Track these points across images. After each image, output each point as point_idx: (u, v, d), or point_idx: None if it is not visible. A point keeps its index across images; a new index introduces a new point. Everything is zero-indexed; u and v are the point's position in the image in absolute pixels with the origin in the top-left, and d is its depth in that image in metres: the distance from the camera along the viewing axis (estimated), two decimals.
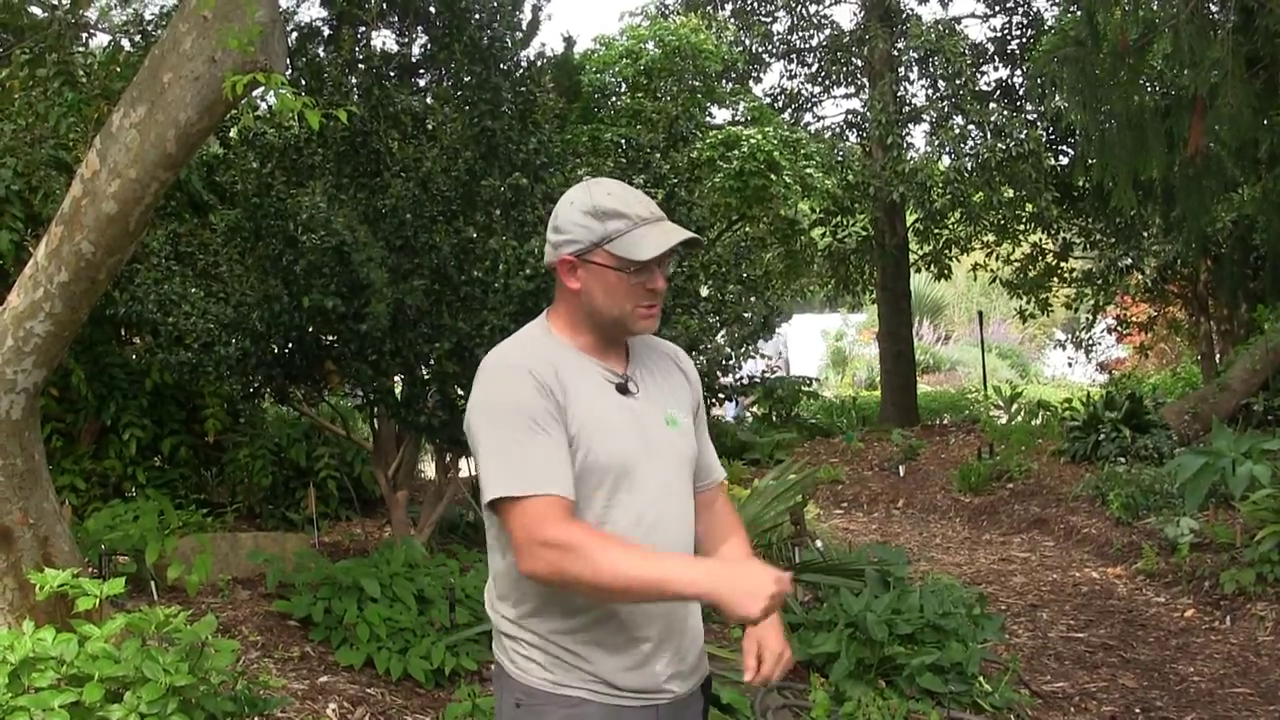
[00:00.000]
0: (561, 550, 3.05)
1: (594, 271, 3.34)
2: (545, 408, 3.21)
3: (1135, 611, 10.36)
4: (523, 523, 3.11)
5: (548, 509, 3.10)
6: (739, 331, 9.66)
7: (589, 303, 3.37)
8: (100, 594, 5.49)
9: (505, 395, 3.24)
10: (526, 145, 8.72)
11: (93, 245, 5.94)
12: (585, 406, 3.29)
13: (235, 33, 5.28)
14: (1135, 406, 16.70)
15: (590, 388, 3.35)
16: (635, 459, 3.34)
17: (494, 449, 3.20)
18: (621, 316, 3.38)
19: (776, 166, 18.51)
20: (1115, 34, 12.95)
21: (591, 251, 3.34)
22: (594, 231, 3.33)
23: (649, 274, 3.38)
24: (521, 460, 3.15)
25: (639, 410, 3.43)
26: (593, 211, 3.35)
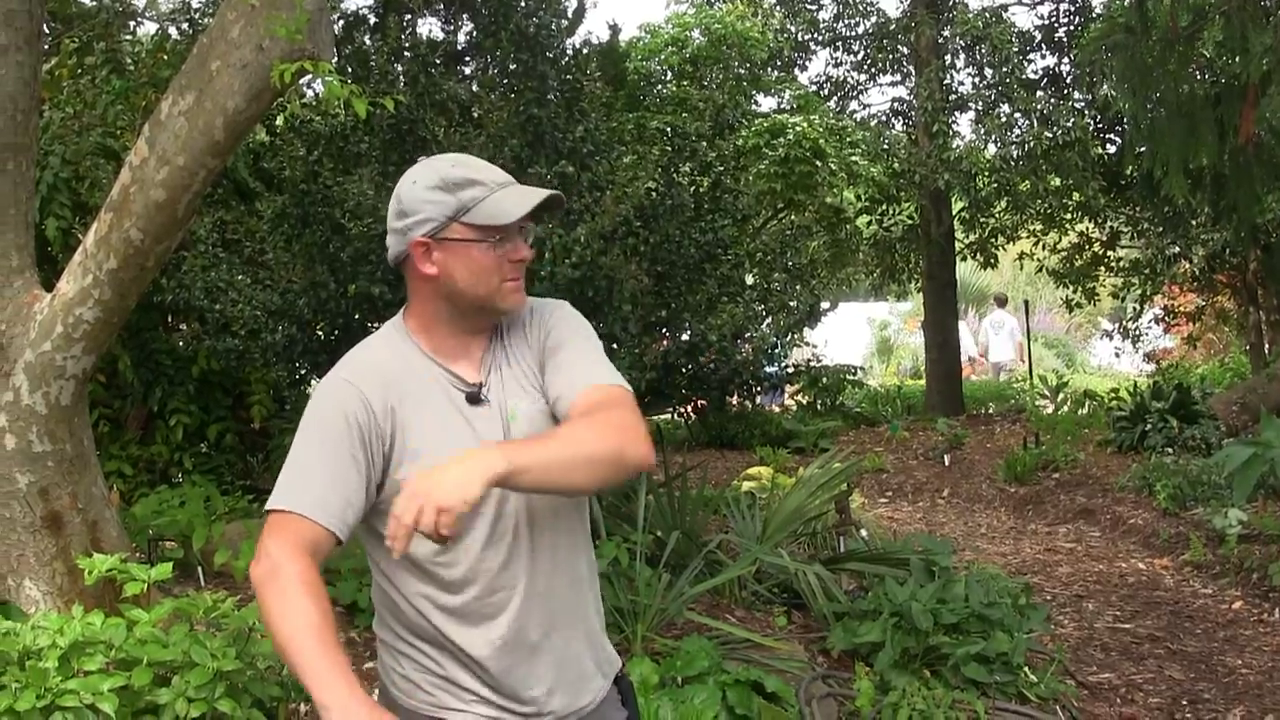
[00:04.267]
0: (267, 568, 2.92)
1: (452, 249, 3.14)
2: (350, 427, 3.04)
3: (1182, 603, 10.32)
4: (270, 531, 2.98)
5: (287, 529, 2.96)
6: (785, 320, 9.65)
7: (449, 287, 3.16)
8: (148, 579, 5.53)
9: (317, 409, 3.11)
10: (573, 133, 8.72)
11: (141, 232, 5.97)
12: (425, 424, 3.14)
13: (283, 21, 5.29)
14: (1183, 397, 16.60)
15: (432, 409, 3.16)
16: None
17: (289, 460, 3.07)
18: (489, 294, 3.17)
19: (822, 154, 18.48)
20: (1165, 21, 12.89)
21: (447, 227, 3.12)
22: (447, 205, 3.12)
23: (511, 243, 3.18)
24: (295, 476, 3.04)
25: (487, 423, 3.19)
26: (441, 184, 3.14)
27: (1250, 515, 11.46)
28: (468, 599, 3.11)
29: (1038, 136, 21.07)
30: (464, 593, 3.11)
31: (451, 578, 3.10)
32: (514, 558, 3.15)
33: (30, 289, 6.37)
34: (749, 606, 8.66)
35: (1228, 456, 11.15)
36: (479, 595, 3.11)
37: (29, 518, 6.23)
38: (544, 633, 3.19)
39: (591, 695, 3.31)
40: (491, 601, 3.12)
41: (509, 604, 3.13)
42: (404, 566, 3.10)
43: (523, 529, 3.16)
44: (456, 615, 3.11)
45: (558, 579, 3.23)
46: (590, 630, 3.35)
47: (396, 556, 2.81)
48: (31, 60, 6.24)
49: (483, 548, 3.12)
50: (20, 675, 4.96)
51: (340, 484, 3.01)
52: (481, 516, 3.09)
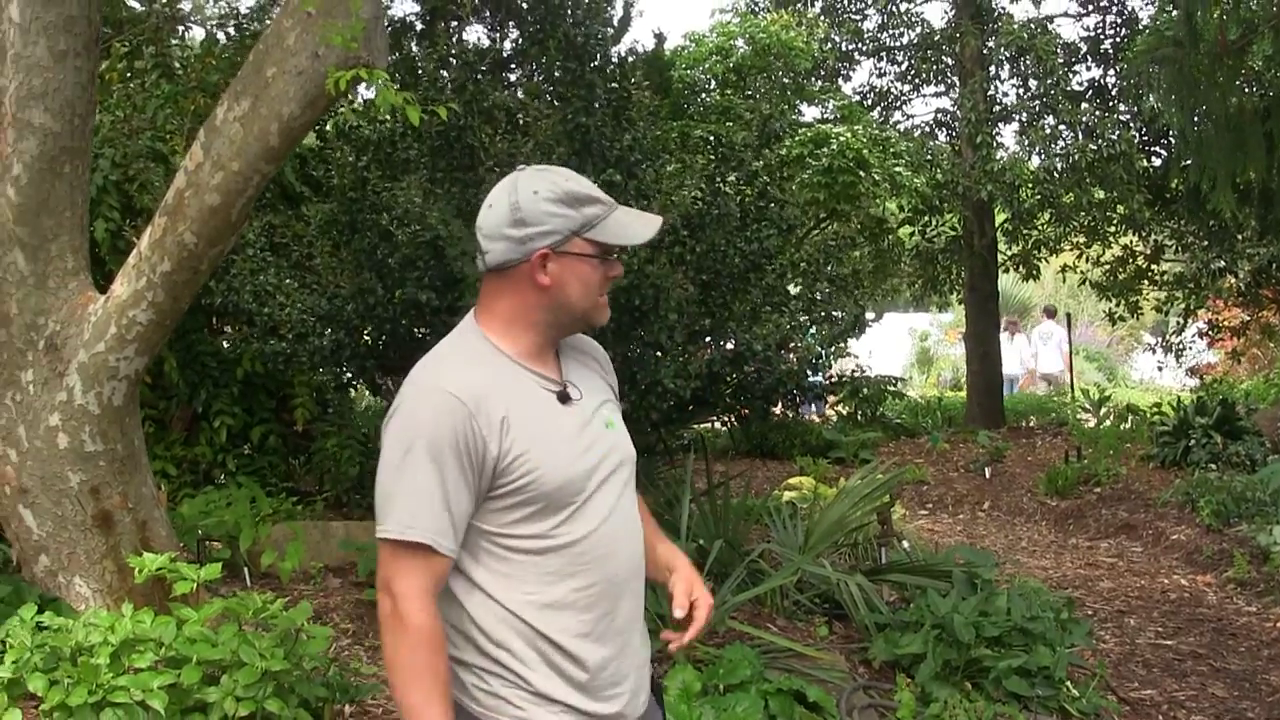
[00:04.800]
0: (394, 611, 3.02)
1: (568, 263, 3.20)
2: (460, 448, 3.07)
3: (1225, 620, 10.27)
4: (391, 563, 3.06)
5: (420, 564, 3.04)
6: (829, 330, 9.67)
7: (559, 299, 3.23)
8: (198, 579, 5.59)
9: (423, 425, 3.09)
10: (620, 142, 8.74)
11: (195, 236, 6.04)
12: (528, 428, 3.17)
13: (339, 29, 5.35)
14: (1227, 412, 16.54)
15: (533, 405, 3.23)
16: (584, 475, 3.24)
17: (394, 481, 3.09)
18: (589, 309, 3.27)
19: (865, 164, 18.48)
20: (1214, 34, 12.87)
21: (568, 241, 3.19)
22: (571, 220, 3.19)
23: (614, 261, 3.29)
24: (417, 503, 3.06)
25: (581, 419, 3.32)
26: (565, 199, 3.20)
27: None
28: (569, 590, 3.20)
29: (1082, 149, 21.01)
30: (567, 582, 3.20)
31: (558, 567, 3.19)
32: (615, 547, 3.30)
33: (84, 290, 6.45)
34: (790, 616, 8.68)
35: (1272, 473, 11.17)
36: (581, 586, 3.21)
37: (80, 516, 6.30)
38: (629, 625, 3.35)
39: (647, 694, 3.44)
40: (591, 591, 3.22)
41: (606, 594, 3.26)
42: (509, 569, 3.17)
43: (619, 517, 3.33)
44: (555, 608, 3.18)
45: (636, 571, 3.39)
46: (644, 628, 3.47)
47: None
48: (89, 66, 6.32)
49: (590, 533, 3.22)
50: (72, 671, 5.04)
51: (457, 505, 3.08)
52: (603, 493, 3.27)
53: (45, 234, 6.27)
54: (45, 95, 6.13)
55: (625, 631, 3.33)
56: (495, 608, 3.16)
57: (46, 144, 6.17)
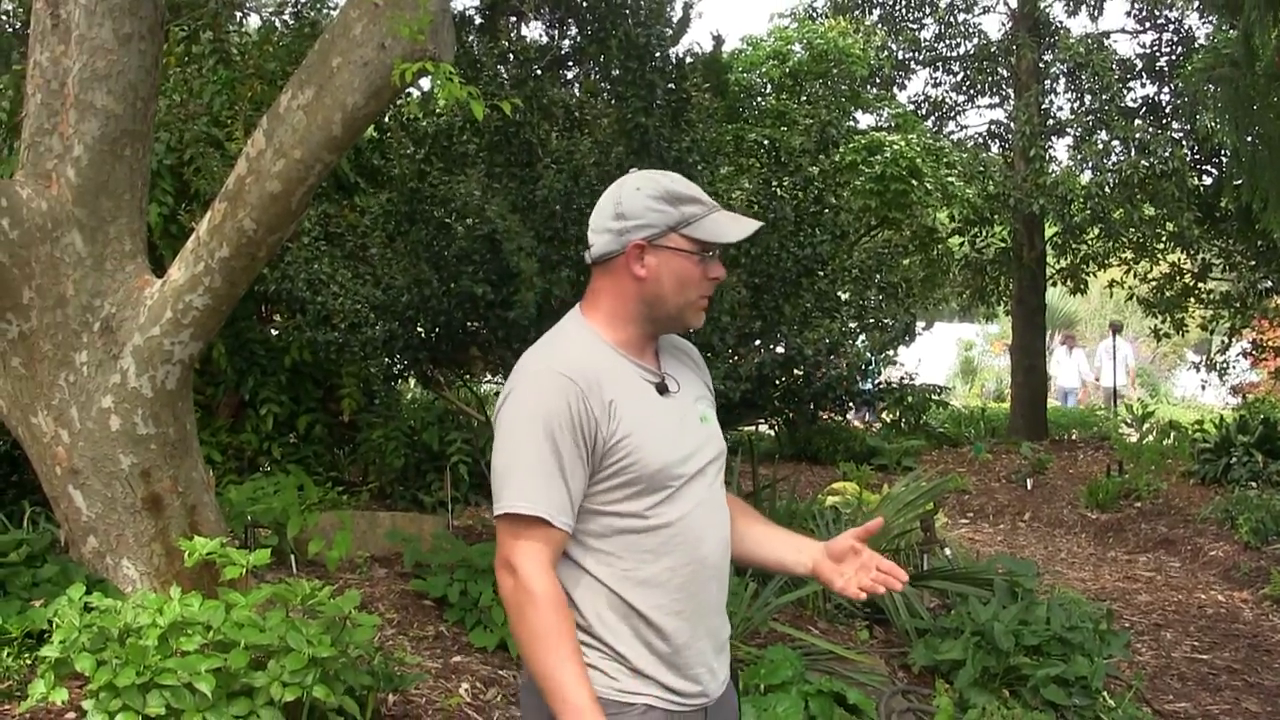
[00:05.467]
0: (517, 585, 3.16)
1: (665, 257, 3.34)
2: (575, 426, 3.20)
3: (1261, 636, 10.28)
4: (511, 540, 3.19)
5: (539, 538, 3.18)
6: (879, 337, 9.66)
7: (654, 292, 3.36)
8: (246, 564, 5.61)
9: (539, 405, 3.22)
10: (679, 143, 8.75)
11: (255, 223, 6.06)
12: (632, 412, 3.30)
13: (406, 21, 5.36)
14: (1269, 431, 16.50)
15: (634, 391, 3.35)
16: (680, 461, 3.37)
17: (513, 459, 3.23)
18: (684, 306, 3.39)
19: (918, 173, 18.45)
20: (1270, 55, 12.83)
21: (665, 235, 3.33)
22: (669, 215, 3.33)
23: (713, 262, 3.41)
24: (533, 478, 3.19)
25: (678, 411, 3.45)
26: (665, 196, 3.34)
27: None
28: (663, 568, 3.33)
29: (1134, 165, 20.96)
30: (662, 560, 3.33)
31: (654, 546, 3.32)
32: (705, 533, 3.42)
33: (141, 274, 6.47)
34: (831, 619, 8.70)
35: None
36: (673, 565, 3.34)
37: (130, 499, 6.32)
38: (714, 608, 3.48)
39: (726, 676, 3.56)
40: (682, 571, 3.35)
41: (696, 575, 3.39)
42: (609, 546, 3.31)
43: (710, 504, 3.47)
44: (650, 585, 3.32)
45: (723, 557, 3.52)
46: (725, 613, 3.59)
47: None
48: (153, 49, 6.35)
49: (684, 516, 3.35)
50: (120, 651, 5.05)
51: (574, 482, 3.20)
52: (697, 481, 3.41)
53: (104, 216, 6.30)
54: (109, 78, 6.16)
55: (710, 614, 3.44)
56: (594, 584, 3.30)
57: (108, 126, 6.20)
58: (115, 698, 4.91)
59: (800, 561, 3.65)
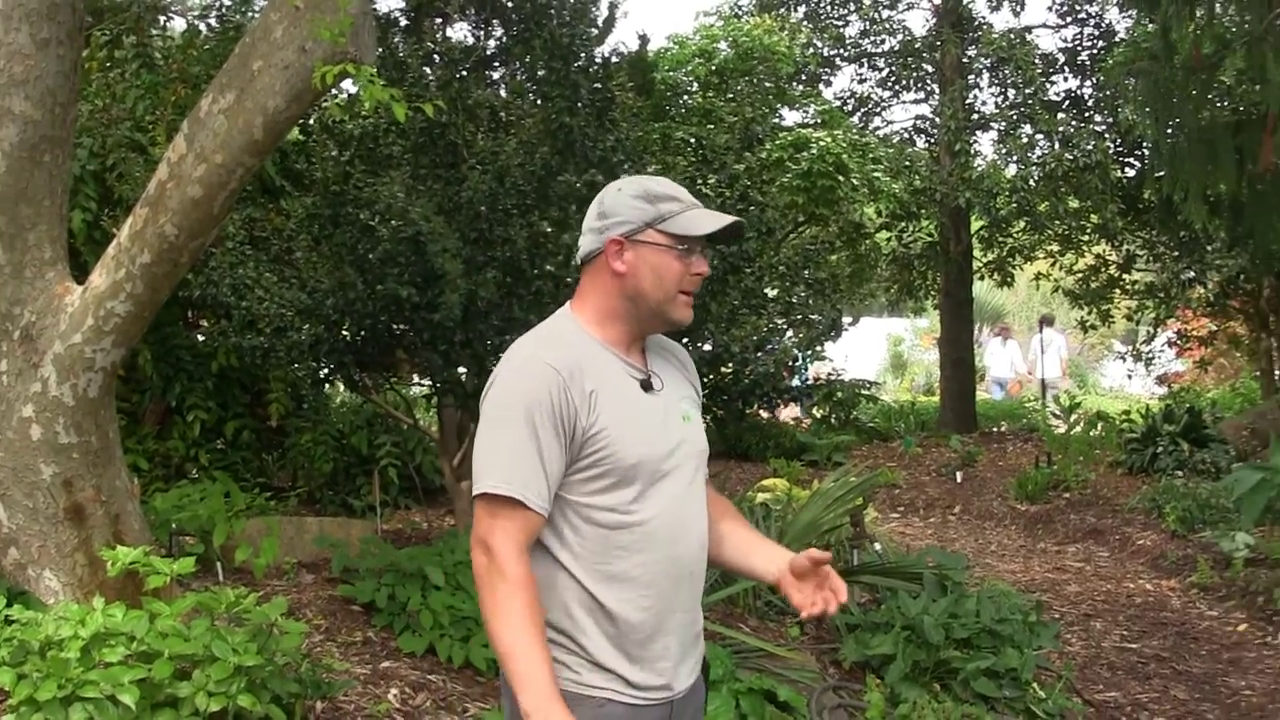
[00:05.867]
0: (489, 565, 3.26)
1: (643, 252, 3.45)
2: (555, 413, 3.30)
3: (1188, 624, 10.37)
4: (488, 520, 3.28)
5: (515, 519, 3.27)
6: (807, 334, 9.68)
7: (634, 286, 3.46)
8: (171, 573, 5.56)
9: (522, 391, 3.32)
10: (604, 142, 8.73)
11: (176, 228, 6.00)
12: (613, 405, 3.40)
13: (327, 23, 5.33)
14: (1194, 420, 16.69)
15: (619, 386, 3.45)
16: (660, 457, 3.46)
17: (493, 442, 3.34)
18: (665, 300, 3.47)
19: (844, 169, 18.52)
20: (1188, 49, 12.94)
21: (642, 231, 3.44)
22: (646, 212, 3.44)
23: (695, 257, 3.51)
24: (512, 461, 3.28)
25: (661, 408, 3.54)
26: (644, 195, 3.47)
27: (1258, 539, 11.54)
28: (635, 564, 3.42)
29: (1058, 158, 21.12)
30: (635, 557, 3.42)
31: (628, 542, 3.41)
32: (681, 531, 3.52)
33: (62, 281, 6.40)
34: (762, 616, 8.72)
35: (1237, 481, 11.23)
36: (646, 562, 3.43)
37: (52, 509, 6.26)
38: (686, 605, 3.56)
39: (695, 673, 3.67)
40: (655, 569, 3.45)
41: (668, 573, 3.49)
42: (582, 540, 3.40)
43: (689, 503, 3.58)
44: (620, 580, 3.40)
45: (699, 557, 3.62)
46: (699, 611, 3.70)
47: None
48: (72, 54, 6.29)
49: (660, 513, 3.45)
50: (41, 665, 5.00)
51: (552, 466, 3.31)
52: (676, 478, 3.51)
53: (23, 223, 6.23)
54: (26, 83, 6.09)
55: (682, 610, 3.53)
56: (565, 576, 3.40)
57: (26, 132, 6.13)
58: (36, 712, 4.86)
59: (769, 571, 3.69)
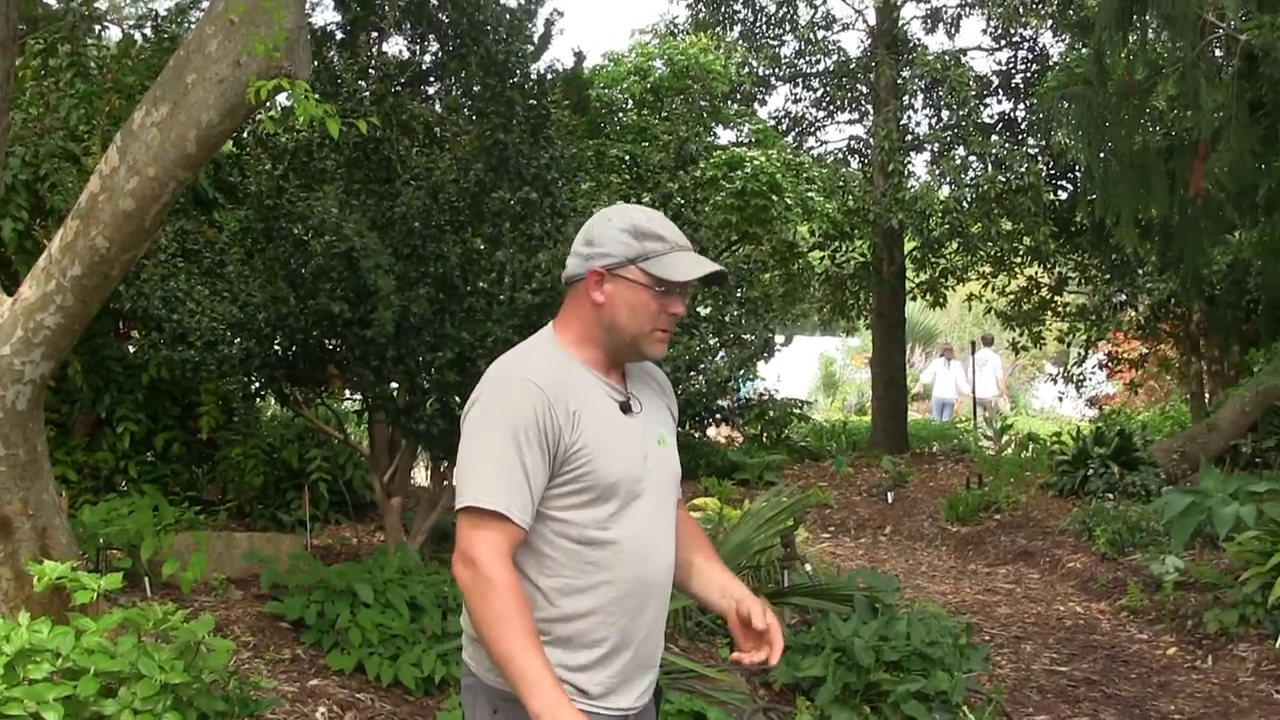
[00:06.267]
0: (475, 575, 3.30)
1: (621, 287, 3.51)
2: (540, 431, 3.36)
3: (1118, 647, 10.42)
4: (471, 533, 3.32)
5: (498, 531, 3.32)
6: (739, 353, 9.68)
7: (610, 318, 3.53)
8: (98, 588, 5.51)
9: (505, 408, 3.38)
10: (538, 159, 8.74)
11: (108, 241, 5.97)
12: (594, 424, 3.45)
13: (262, 38, 5.31)
14: (1124, 443, 16.78)
15: (599, 407, 3.51)
16: (635, 477, 3.53)
17: (474, 456, 3.40)
18: (639, 336, 3.54)
19: (778, 188, 18.56)
20: (1121, 74, 13.03)
21: (624, 267, 3.50)
22: (631, 248, 3.50)
23: (673, 298, 3.54)
24: (495, 475, 3.34)
25: (639, 430, 3.61)
26: (631, 230, 3.52)
27: (1187, 562, 11.57)
28: (603, 582, 3.49)
29: (991, 180, 21.25)
30: (603, 574, 3.49)
31: (598, 559, 3.48)
32: (652, 553, 3.60)
33: None
34: (692, 637, 8.71)
35: (1166, 504, 11.31)
36: (614, 580, 3.50)
37: None
38: (650, 626, 3.62)
39: (650, 693, 3.74)
40: (622, 588, 3.52)
41: (635, 592, 3.56)
42: (553, 554, 3.47)
43: (661, 525, 3.66)
44: (586, 597, 3.47)
45: (666, 579, 3.70)
46: (662, 633, 3.77)
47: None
48: (5, 62, 6.24)
49: (633, 534, 3.53)
50: None
51: (535, 481, 3.38)
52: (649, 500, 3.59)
53: None
54: None
55: (646, 630, 3.59)
56: (530, 590, 3.43)
57: None
58: None
59: (722, 606, 3.75)
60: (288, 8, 5.43)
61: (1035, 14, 23.13)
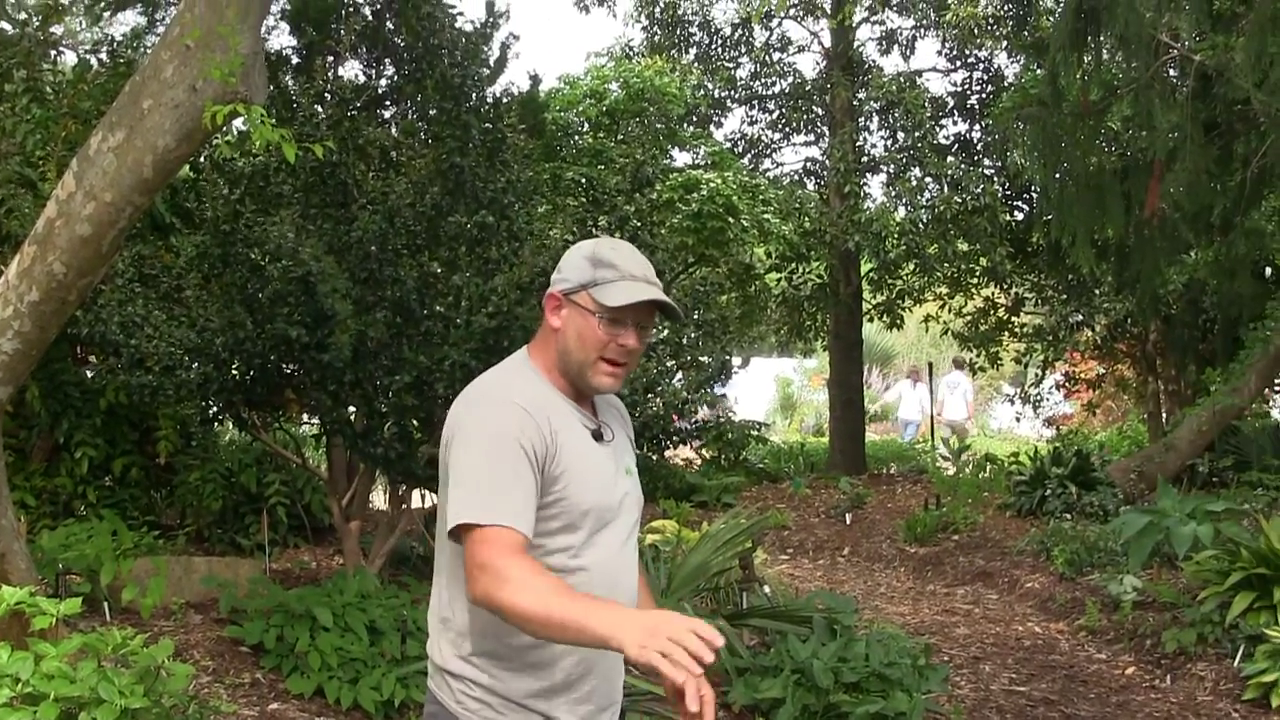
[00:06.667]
0: (495, 579, 3.17)
1: (572, 313, 3.52)
2: (529, 447, 3.34)
3: (1077, 667, 10.42)
4: (481, 545, 3.24)
5: (499, 536, 3.23)
6: (696, 376, 9.71)
7: (563, 344, 3.54)
8: (57, 613, 5.51)
9: (494, 428, 3.36)
10: (494, 183, 8.77)
11: (65, 266, 5.98)
12: (572, 450, 3.45)
13: (217, 63, 5.33)
14: (1082, 463, 16.79)
15: (575, 432, 3.51)
16: (608, 506, 3.54)
17: (470, 478, 3.33)
18: (584, 364, 3.52)
19: (734, 210, 18.57)
20: (1076, 95, 13.10)
21: (577, 292, 3.51)
22: (585, 274, 3.51)
23: (622, 328, 3.52)
24: (492, 492, 3.28)
25: (611, 459, 3.63)
26: (591, 257, 3.54)
27: (1145, 582, 11.58)
28: None
29: (947, 201, 21.26)
30: None
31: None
32: (618, 580, 3.58)
33: None
34: None
35: (1124, 524, 11.35)
36: None
37: None
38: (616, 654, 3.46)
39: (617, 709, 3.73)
40: None
41: None
42: None
43: (626, 554, 3.65)
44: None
45: (630, 605, 3.62)
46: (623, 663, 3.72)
47: None
48: None
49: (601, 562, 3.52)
50: None
51: (531, 498, 3.34)
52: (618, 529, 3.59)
53: None
54: None
55: (611, 657, 3.53)
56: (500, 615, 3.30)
57: None
58: None
59: None
60: (243, 33, 5.46)
61: (990, 35, 23.13)
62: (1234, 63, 11.59)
